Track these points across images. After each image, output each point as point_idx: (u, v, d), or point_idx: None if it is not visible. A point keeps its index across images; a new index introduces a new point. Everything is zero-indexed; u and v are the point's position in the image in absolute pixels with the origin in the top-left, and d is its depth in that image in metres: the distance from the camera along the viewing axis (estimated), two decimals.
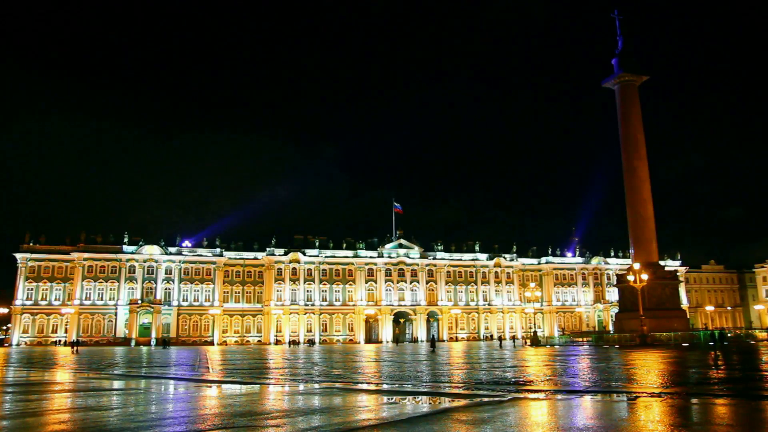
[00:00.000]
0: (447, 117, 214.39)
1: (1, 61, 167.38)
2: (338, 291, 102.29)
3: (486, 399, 11.69)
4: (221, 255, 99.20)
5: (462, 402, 11.66)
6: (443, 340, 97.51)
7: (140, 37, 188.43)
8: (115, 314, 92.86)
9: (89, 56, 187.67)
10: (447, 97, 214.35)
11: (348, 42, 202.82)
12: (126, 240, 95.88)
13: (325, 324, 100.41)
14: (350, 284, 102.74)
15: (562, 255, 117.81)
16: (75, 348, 58.52)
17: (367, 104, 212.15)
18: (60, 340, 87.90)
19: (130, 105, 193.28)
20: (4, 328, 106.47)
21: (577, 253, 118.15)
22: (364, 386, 15.80)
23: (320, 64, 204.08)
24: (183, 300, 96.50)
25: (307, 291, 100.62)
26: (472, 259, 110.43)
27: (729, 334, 57.17)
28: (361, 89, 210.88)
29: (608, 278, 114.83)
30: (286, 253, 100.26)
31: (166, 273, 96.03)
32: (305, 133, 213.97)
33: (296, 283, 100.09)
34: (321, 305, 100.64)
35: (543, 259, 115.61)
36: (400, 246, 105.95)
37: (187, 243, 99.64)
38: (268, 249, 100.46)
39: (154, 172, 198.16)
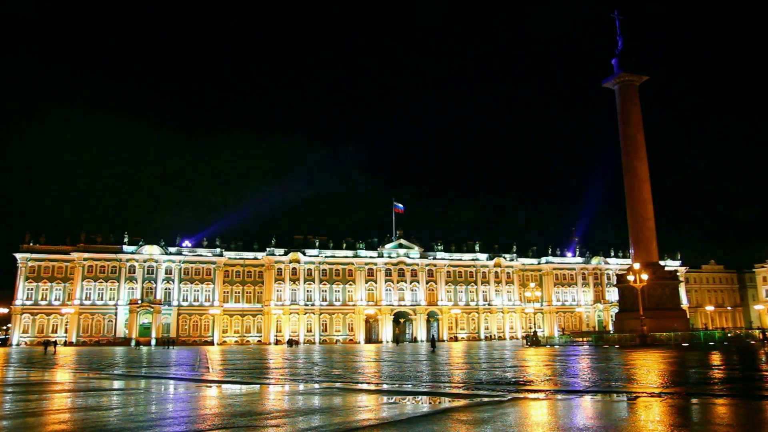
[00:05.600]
0: (447, 118, 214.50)
1: (1, 59, 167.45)
2: (338, 291, 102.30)
3: (486, 399, 11.69)
4: (221, 255, 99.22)
5: (462, 402, 11.66)
6: (443, 340, 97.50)
7: (145, 32, 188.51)
8: (115, 314, 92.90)
9: (91, 54, 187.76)
10: (446, 98, 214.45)
11: (347, 43, 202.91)
12: (126, 240, 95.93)
13: (325, 324, 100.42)
14: (350, 284, 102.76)
15: (562, 255, 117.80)
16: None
17: (367, 106, 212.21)
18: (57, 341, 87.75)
19: (131, 104, 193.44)
20: (4, 328, 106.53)
21: (577, 253, 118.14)
22: (364, 386, 15.79)
23: (322, 65, 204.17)
24: (183, 300, 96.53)
25: (307, 291, 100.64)
26: (472, 259, 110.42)
27: (729, 335, 57.14)
28: (361, 91, 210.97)
29: (608, 278, 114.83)
30: (286, 253, 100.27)
31: (166, 273, 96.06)
32: (305, 133, 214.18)
33: (296, 283, 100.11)
34: (321, 305, 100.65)
35: (543, 259, 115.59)
36: (400, 246, 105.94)
37: (187, 243, 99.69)
38: (268, 249, 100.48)
39: (153, 172, 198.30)
